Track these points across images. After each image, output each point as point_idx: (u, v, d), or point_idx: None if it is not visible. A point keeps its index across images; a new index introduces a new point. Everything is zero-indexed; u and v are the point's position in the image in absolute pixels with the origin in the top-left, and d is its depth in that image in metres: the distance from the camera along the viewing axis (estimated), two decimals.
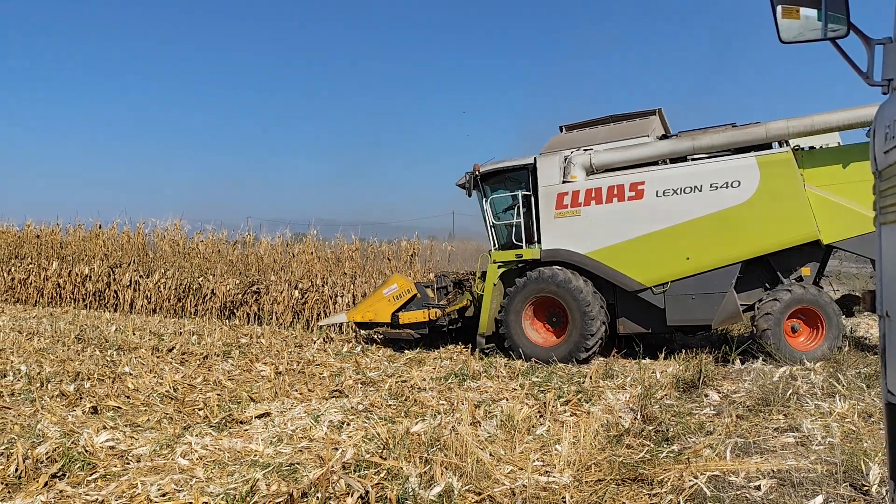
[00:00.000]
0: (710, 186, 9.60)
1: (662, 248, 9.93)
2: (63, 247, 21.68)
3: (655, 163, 10.29)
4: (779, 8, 2.71)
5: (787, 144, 9.51)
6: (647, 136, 10.55)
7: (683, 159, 10.20)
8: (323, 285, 16.62)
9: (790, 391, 7.04)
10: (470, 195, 12.08)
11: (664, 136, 10.61)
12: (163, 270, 18.95)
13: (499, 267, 11.43)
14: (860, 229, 8.81)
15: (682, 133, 10.37)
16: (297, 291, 16.54)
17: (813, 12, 2.64)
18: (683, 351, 9.92)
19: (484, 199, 11.72)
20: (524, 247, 11.12)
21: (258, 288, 17.08)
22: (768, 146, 9.57)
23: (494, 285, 11.39)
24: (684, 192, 9.77)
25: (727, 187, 9.50)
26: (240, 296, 17.26)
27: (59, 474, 4.78)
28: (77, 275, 19.64)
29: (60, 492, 4.49)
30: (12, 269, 20.91)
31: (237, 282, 17.69)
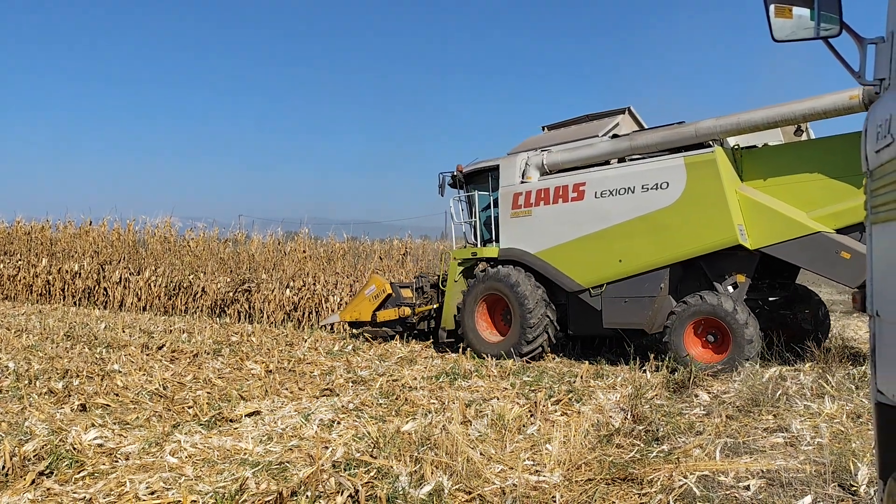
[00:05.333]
0: (642, 188, 9.45)
1: (599, 249, 9.90)
2: (53, 243, 21.57)
3: (608, 163, 10.22)
4: (771, 7, 2.71)
5: (721, 143, 9.16)
6: (598, 135, 10.54)
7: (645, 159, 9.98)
8: (315, 284, 16.58)
9: (780, 392, 7.06)
10: (443, 194, 12.44)
11: (615, 136, 10.50)
12: (153, 268, 18.88)
13: (459, 264, 11.94)
14: (788, 234, 8.48)
15: (631, 133, 10.28)
16: (288, 290, 16.49)
17: (805, 11, 2.63)
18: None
19: (466, 198, 12.16)
20: (492, 245, 11.49)
21: (249, 286, 17.03)
22: (702, 146, 9.19)
23: (456, 282, 11.88)
24: (619, 193, 9.68)
25: (657, 189, 9.31)
26: (231, 294, 17.20)
27: (46, 472, 4.74)
28: (67, 272, 19.54)
29: (48, 490, 4.45)
30: (1, 266, 20.77)
31: (228, 280, 17.63)
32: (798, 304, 10.43)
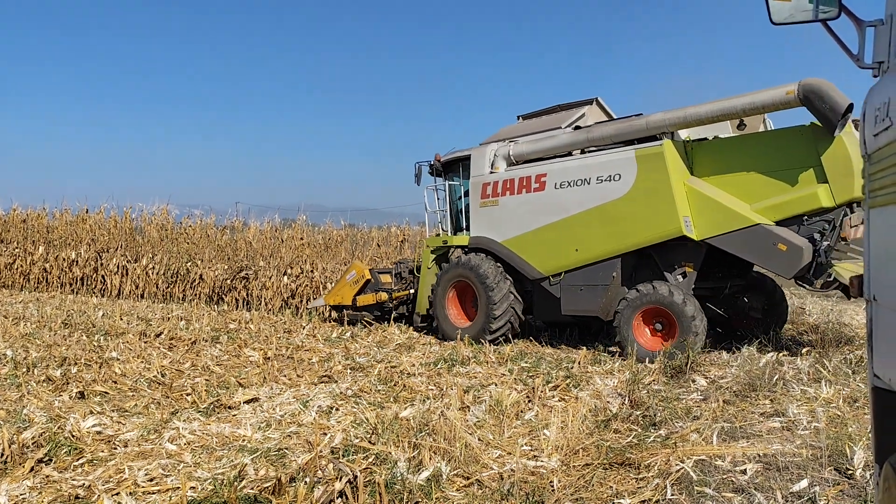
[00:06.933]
0: (597, 179, 9.70)
1: (557, 239, 10.17)
2: (49, 231, 21.50)
3: (570, 154, 10.45)
4: None
5: (673, 136, 9.31)
6: (560, 127, 10.78)
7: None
8: (312, 271, 16.57)
9: (776, 376, 7.10)
10: (419, 184, 12.71)
11: (577, 128, 10.70)
12: (150, 255, 18.84)
13: (432, 251, 12.33)
14: (730, 225, 8.62)
15: (590, 125, 10.48)
16: (285, 277, 16.49)
17: None
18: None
19: (445, 187, 12.48)
20: (462, 233, 11.86)
21: (247, 273, 17.01)
22: (655, 138, 9.34)
23: (429, 269, 12.26)
24: (577, 184, 9.93)
25: (610, 181, 9.55)
26: (228, 281, 17.19)
27: (45, 459, 4.75)
28: (64, 259, 19.49)
29: (47, 477, 4.46)
30: None
31: (226, 267, 17.61)
32: (748, 293, 10.55)
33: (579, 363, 8.66)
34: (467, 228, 11.71)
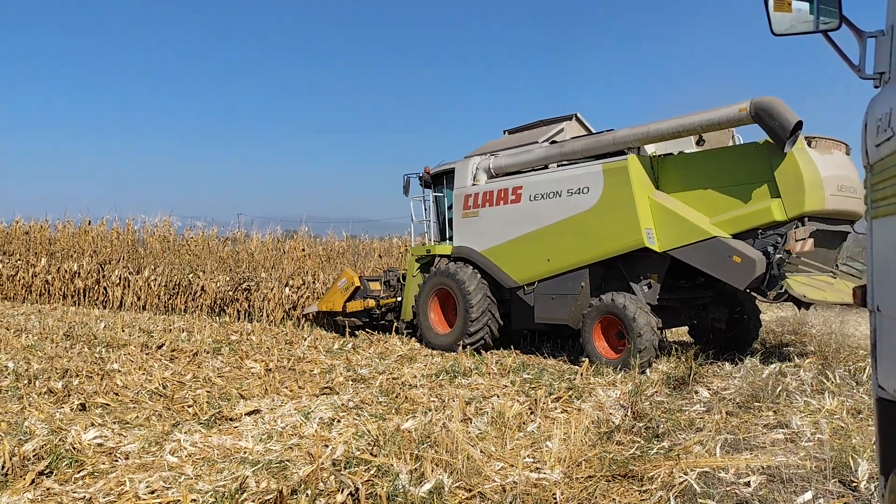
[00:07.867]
0: (567, 192, 10.01)
1: (531, 249, 10.50)
2: (52, 243, 21.55)
3: (546, 167, 10.74)
4: (770, 0, 2.70)
5: (639, 151, 9.48)
6: (537, 142, 11.09)
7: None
8: (314, 282, 16.57)
9: (779, 388, 7.07)
10: (407, 195, 13.17)
11: (553, 143, 10.93)
12: (152, 267, 18.85)
13: (416, 260, 12.68)
14: (690, 238, 8.77)
15: (563, 140, 10.77)
16: (287, 289, 16.48)
17: (805, 5, 2.63)
18: (674, 348, 9.95)
19: (434, 198, 12.91)
20: (445, 243, 12.37)
21: (249, 285, 17.01)
22: (622, 153, 9.51)
23: (414, 277, 12.75)
24: (549, 196, 10.26)
25: (579, 193, 9.85)
26: (230, 293, 17.18)
27: (46, 472, 4.73)
28: (66, 271, 19.51)
29: (48, 489, 4.44)
30: (0, 266, 20.74)
31: (228, 279, 17.61)
32: (713, 305, 10.57)
33: (582, 374, 8.63)
34: (451, 238, 12.09)
